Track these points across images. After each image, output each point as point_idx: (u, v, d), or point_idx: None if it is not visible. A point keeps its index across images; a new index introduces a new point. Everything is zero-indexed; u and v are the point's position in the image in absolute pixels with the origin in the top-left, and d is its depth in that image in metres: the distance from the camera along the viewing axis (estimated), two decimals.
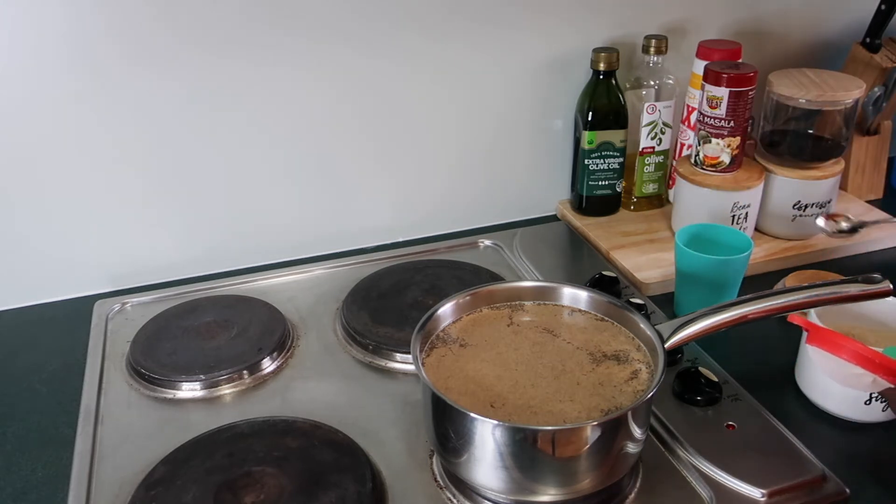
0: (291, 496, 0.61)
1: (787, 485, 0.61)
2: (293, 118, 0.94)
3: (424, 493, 0.64)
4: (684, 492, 0.63)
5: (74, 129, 0.87)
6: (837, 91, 0.95)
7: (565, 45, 1.02)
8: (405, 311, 0.85)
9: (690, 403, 0.70)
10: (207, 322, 0.85)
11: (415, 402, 0.73)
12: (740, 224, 0.95)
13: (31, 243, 0.91)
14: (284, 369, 0.80)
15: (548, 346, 0.65)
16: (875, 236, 1.01)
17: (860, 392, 0.68)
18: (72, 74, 0.84)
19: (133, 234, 0.95)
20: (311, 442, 0.67)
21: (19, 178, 0.87)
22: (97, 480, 0.66)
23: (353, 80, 0.94)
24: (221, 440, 0.67)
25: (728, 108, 0.92)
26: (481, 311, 0.69)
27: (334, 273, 0.96)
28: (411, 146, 1.02)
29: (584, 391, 0.60)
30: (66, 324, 0.90)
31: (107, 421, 0.73)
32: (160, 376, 0.77)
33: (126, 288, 0.95)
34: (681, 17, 1.06)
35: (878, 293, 0.63)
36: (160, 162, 0.92)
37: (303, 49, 0.90)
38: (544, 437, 0.55)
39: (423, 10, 0.93)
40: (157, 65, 0.86)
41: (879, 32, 1.08)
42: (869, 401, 0.68)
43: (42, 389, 0.80)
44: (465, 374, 0.62)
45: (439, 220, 1.08)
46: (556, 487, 0.58)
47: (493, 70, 1.00)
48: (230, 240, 0.99)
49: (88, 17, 0.81)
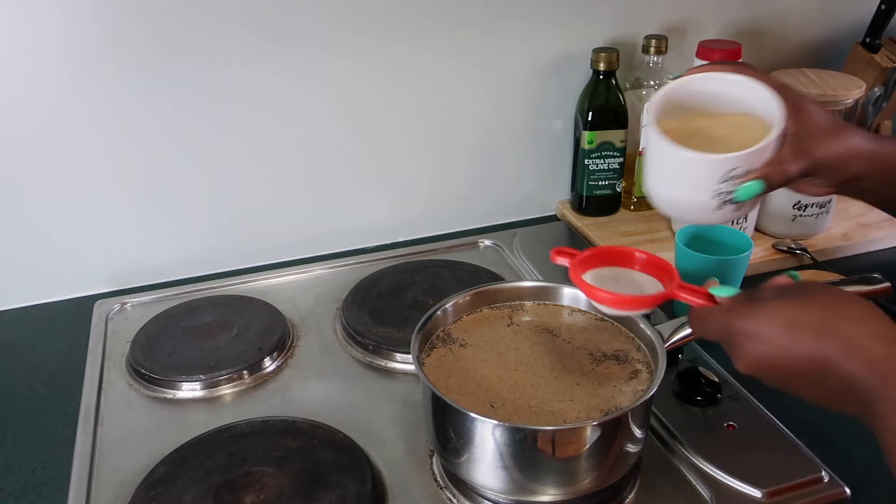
0: (291, 496, 0.61)
1: (787, 485, 0.61)
2: (293, 119, 0.94)
3: (424, 493, 0.64)
4: (684, 492, 0.63)
5: (74, 130, 0.87)
6: (837, 91, 0.95)
7: (565, 46, 1.02)
8: (405, 311, 0.85)
9: (690, 403, 0.70)
10: (207, 322, 0.85)
11: (415, 402, 0.73)
12: (740, 224, 0.95)
13: (32, 243, 0.91)
14: (284, 369, 0.80)
15: (548, 346, 0.65)
16: (875, 236, 1.01)
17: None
18: (71, 75, 0.84)
19: (133, 235, 0.95)
20: (310, 442, 0.67)
21: (19, 178, 0.87)
22: (97, 480, 0.66)
23: (352, 79, 0.94)
24: (221, 440, 0.67)
25: None
26: (481, 311, 0.69)
27: (334, 273, 0.96)
28: (410, 146, 1.02)
29: (584, 391, 0.60)
30: (66, 324, 0.90)
31: (107, 421, 0.73)
32: (160, 376, 0.77)
33: (126, 288, 0.95)
34: (681, 17, 1.06)
35: (878, 293, 0.63)
36: (160, 162, 0.92)
37: (302, 51, 0.90)
38: (544, 437, 0.55)
39: (429, 6, 0.93)
40: (155, 68, 0.86)
41: (879, 32, 1.08)
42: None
43: (42, 389, 0.80)
44: (464, 374, 0.62)
45: (439, 220, 1.08)
46: (556, 487, 0.58)
47: (491, 70, 1.00)
48: (230, 240, 0.99)
49: (84, 22, 0.81)
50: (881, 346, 0.45)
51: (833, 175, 0.58)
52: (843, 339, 0.46)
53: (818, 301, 0.49)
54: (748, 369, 0.50)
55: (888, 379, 0.43)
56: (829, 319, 0.47)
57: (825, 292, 0.50)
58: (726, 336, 0.51)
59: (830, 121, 0.58)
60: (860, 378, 0.44)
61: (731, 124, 0.59)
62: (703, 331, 0.54)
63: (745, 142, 0.55)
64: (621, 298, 0.55)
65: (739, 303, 0.52)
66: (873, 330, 0.45)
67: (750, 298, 0.52)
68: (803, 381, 0.48)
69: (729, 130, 0.59)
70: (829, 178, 0.58)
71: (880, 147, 0.58)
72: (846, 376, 0.45)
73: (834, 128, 0.57)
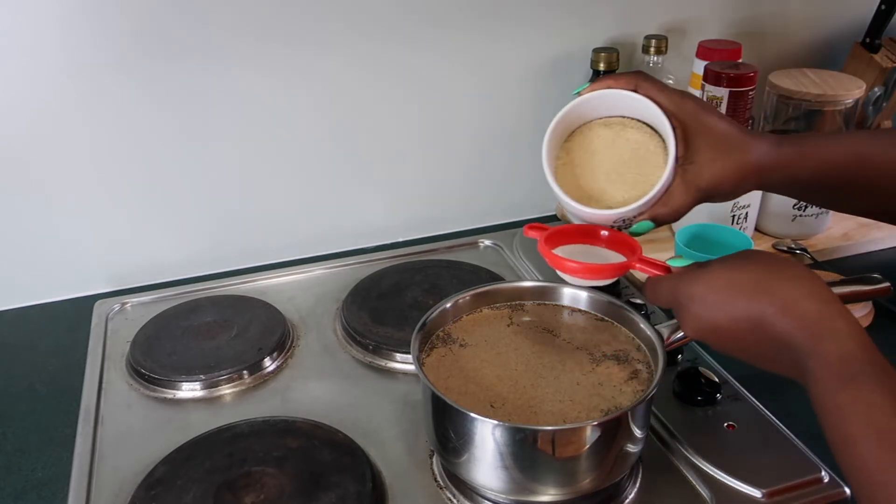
0: (291, 496, 0.61)
1: (787, 485, 0.61)
2: (293, 119, 0.94)
3: (424, 493, 0.64)
4: (684, 492, 0.63)
5: (74, 130, 0.87)
6: (837, 91, 0.95)
7: (565, 46, 1.02)
8: (405, 311, 0.85)
9: (690, 403, 0.70)
10: (207, 322, 0.85)
11: (415, 402, 0.73)
12: (740, 224, 0.95)
13: (31, 243, 0.91)
14: (284, 369, 0.80)
15: (548, 346, 0.65)
16: (875, 236, 1.01)
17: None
18: (70, 76, 0.84)
19: (133, 234, 0.95)
20: (311, 442, 0.67)
21: (19, 178, 0.87)
22: (97, 480, 0.66)
23: (353, 80, 0.95)
24: (221, 440, 0.67)
25: (728, 108, 0.92)
26: (481, 311, 0.69)
27: (334, 273, 0.96)
28: (410, 146, 1.02)
29: (584, 391, 0.60)
30: (66, 324, 0.90)
31: (107, 421, 0.73)
32: (160, 376, 0.77)
33: (126, 288, 0.95)
34: (681, 17, 1.06)
35: (878, 293, 0.63)
36: (161, 162, 0.92)
37: (304, 53, 0.90)
38: (544, 437, 0.55)
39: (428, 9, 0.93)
40: (155, 69, 0.86)
41: (879, 32, 1.08)
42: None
43: (42, 389, 0.80)
44: (465, 374, 0.61)
45: (439, 220, 1.08)
46: (556, 487, 0.58)
47: (491, 70, 1.00)
48: (230, 240, 0.99)
49: (84, 23, 0.82)
50: (812, 303, 0.46)
51: (731, 195, 0.58)
52: (777, 298, 0.48)
53: (755, 263, 0.51)
54: (694, 332, 0.53)
55: (818, 334, 0.45)
56: (764, 280, 0.49)
57: (762, 256, 0.52)
58: (674, 301, 0.54)
59: (729, 137, 0.56)
60: (793, 335, 0.46)
61: (629, 150, 0.62)
62: (655, 298, 0.57)
63: (640, 175, 0.59)
64: (587, 267, 0.59)
65: (688, 270, 0.54)
66: (805, 288, 0.47)
67: (699, 266, 0.54)
68: (743, 340, 0.50)
69: (625, 162, 0.62)
70: (730, 197, 0.59)
71: (781, 156, 0.57)
72: (781, 333, 0.47)
73: (728, 147, 0.56)
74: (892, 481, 0.40)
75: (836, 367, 0.44)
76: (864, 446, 0.41)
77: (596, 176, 0.62)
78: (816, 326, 0.46)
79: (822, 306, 0.46)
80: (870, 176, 0.56)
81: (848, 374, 0.43)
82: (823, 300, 0.47)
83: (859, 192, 0.58)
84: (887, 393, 0.42)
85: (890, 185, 0.56)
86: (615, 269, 0.58)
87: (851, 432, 0.42)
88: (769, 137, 0.57)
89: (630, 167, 0.61)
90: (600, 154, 0.63)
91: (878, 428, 0.41)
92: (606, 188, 0.62)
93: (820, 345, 0.45)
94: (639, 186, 0.60)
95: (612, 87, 0.59)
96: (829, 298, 0.47)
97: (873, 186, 0.57)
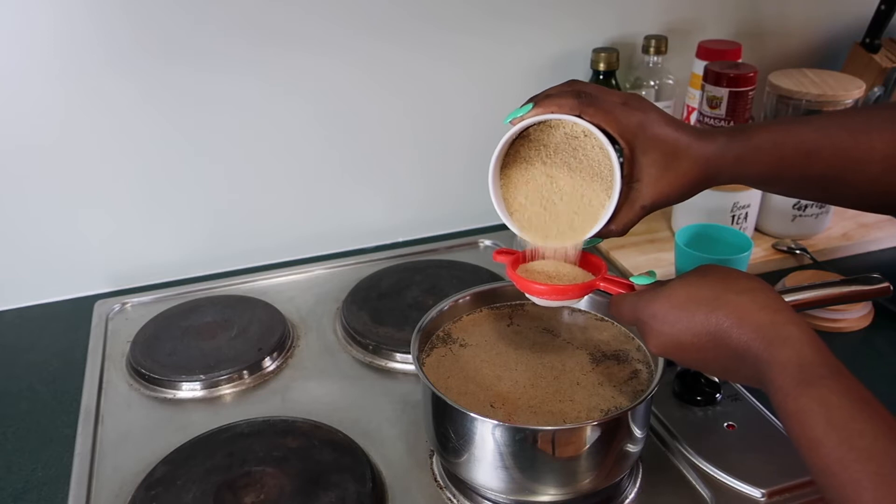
0: (291, 496, 0.61)
1: (787, 485, 0.61)
2: (293, 119, 0.94)
3: (424, 493, 0.64)
4: (684, 492, 0.63)
5: (74, 131, 0.87)
6: (837, 91, 0.95)
7: (565, 46, 1.02)
8: (405, 311, 0.85)
9: (690, 403, 0.70)
10: (207, 322, 0.85)
11: (415, 402, 0.73)
12: (740, 224, 0.95)
13: (32, 244, 0.91)
14: (284, 369, 0.80)
15: (548, 346, 0.65)
16: (875, 236, 1.01)
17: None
18: (70, 77, 0.84)
19: (133, 235, 0.95)
20: (311, 442, 0.67)
21: (19, 178, 0.87)
22: (97, 480, 0.66)
23: (353, 81, 0.95)
24: (221, 440, 0.67)
25: (728, 108, 0.92)
26: (481, 311, 0.69)
27: (334, 273, 0.96)
28: (410, 146, 1.02)
29: (584, 391, 0.60)
30: (66, 324, 0.90)
31: (107, 421, 0.73)
32: (160, 376, 0.77)
33: (126, 288, 0.95)
34: (681, 17, 1.06)
35: (878, 293, 0.63)
36: (160, 163, 0.92)
37: (307, 54, 0.90)
38: (544, 437, 0.55)
39: (427, 10, 0.93)
40: (155, 70, 0.86)
41: (879, 32, 1.08)
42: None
43: (42, 389, 0.80)
44: (465, 374, 0.62)
45: (439, 220, 1.08)
46: (556, 487, 0.58)
47: (491, 70, 1.00)
48: (230, 240, 0.99)
49: (83, 24, 0.82)
50: (766, 313, 0.48)
51: (681, 201, 0.58)
52: (733, 310, 0.49)
53: (711, 278, 0.52)
54: (657, 349, 0.53)
55: (772, 342, 0.47)
56: (720, 293, 0.50)
57: (718, 271, 0.53)
58: (636, 319, 0.55)
59: (675, 147, 0.55)
60: (750, 345, 0.48)
61: (583, 169, 0.60)
62: (618, 316, 0.58)
63: (582, 205, 0.58)
64: (553, 288, 0.58)
65: (650, 289, 0.55)
66: (759, 300, 0.49)
67: (659, 285, 0.55)
68: (705, 354, 0.51)
69: (576, 181, 0.60)
70: (680, 202, 0.58)
71: (730, 156, 0.56)
72: (739, 344, 0.48)
73: (674, 160, 0.55)
74: (856, 478, 0.40)
75: (793, 373, 0.45)
76: (827, 447, 0.42)
77: (546, 193, 0.61)
78: (771, 335, 0.47)
79: (775, 315, 0.48)
80: (821, 169, 0.56)
81: (805, 378, 0.44)
82: (776, 309, 0.48)
83: (813, 185, 0.59)
84: (844, 393, 0.43)
85: (841, 177, 0.57)
86: (581, 288, 0.58)
87: (814, 435, 0.43)
88: (718, 137, 0.56)
89: (572, 199, 0.60)
90: (548, 182, 0.62)
91: (838, 428, 0.42)
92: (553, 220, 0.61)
93: (776, 353, 0.46)
94: (583, 212, 0.59)
95: (555, 112, 0.59)
96: (781, 307, 0.48)
97: (825, 179, 0.57)
